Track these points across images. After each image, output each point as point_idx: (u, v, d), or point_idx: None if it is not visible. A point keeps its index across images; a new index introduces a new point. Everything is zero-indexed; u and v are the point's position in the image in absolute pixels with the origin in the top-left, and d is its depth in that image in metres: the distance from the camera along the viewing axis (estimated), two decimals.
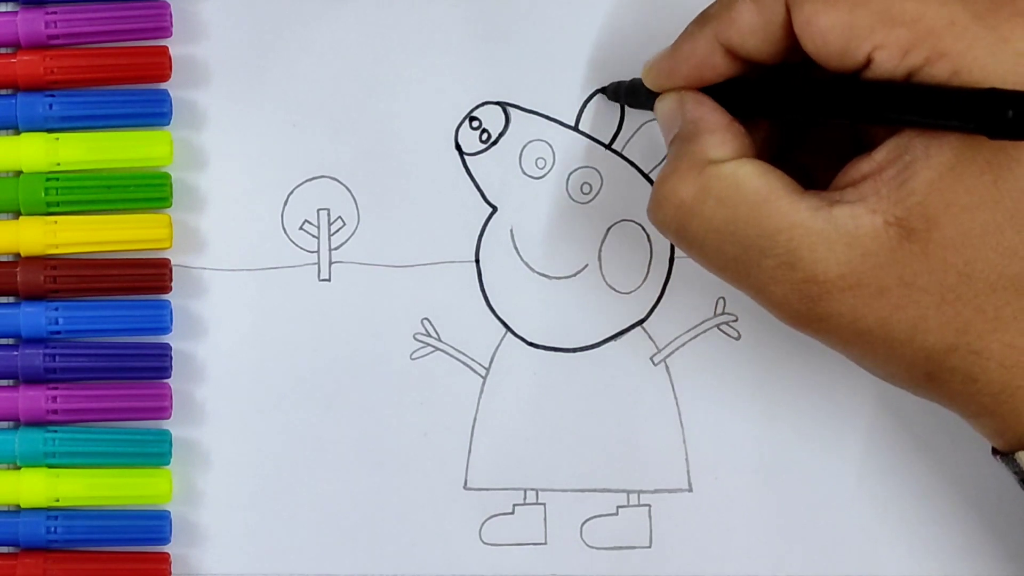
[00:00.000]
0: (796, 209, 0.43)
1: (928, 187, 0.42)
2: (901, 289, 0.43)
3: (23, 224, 0.52)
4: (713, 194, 0.45)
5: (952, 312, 0.43)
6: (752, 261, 0.44)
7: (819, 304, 0.44)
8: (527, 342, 0.53)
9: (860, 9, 0.43)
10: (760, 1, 0.45)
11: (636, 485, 0.53)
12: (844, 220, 0.43)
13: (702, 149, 0.45)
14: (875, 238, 0.43)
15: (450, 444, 0.53)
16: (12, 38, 0.52)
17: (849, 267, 0.43)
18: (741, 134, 0.46)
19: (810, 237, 0.43)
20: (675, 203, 0.45)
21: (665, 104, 0.48)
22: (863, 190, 0.43)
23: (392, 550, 0.53)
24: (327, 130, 0.53)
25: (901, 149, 0.43)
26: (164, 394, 0.52)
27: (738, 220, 0.44)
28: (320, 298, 0.53)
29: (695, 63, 0.47)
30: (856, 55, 0.43)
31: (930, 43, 0.42)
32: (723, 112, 0.46)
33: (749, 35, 0.45)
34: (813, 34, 0.43)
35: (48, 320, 0.52)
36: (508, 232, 0.53)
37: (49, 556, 0.52)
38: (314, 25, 0.53)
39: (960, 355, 0.43)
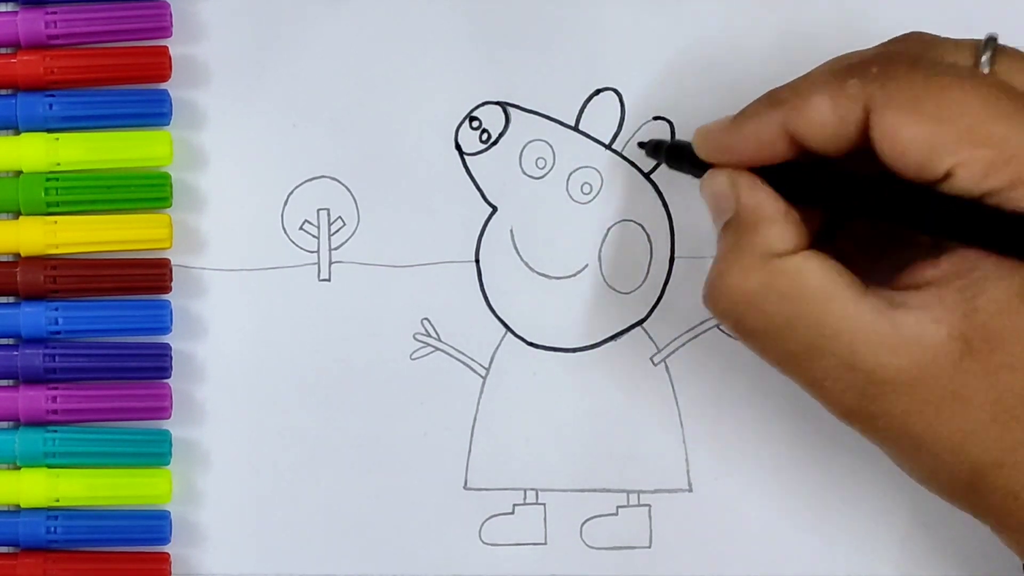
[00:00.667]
0: (860, 311, 0.43)
1: (996, 308, 0.42)
2: (955, 402, 0.43)
3: (23, 224, 0.52)
4: (776, 289, 0.44)
5: (1004, 431, 0.43)
6: (812, 359, 0.44)
7: (873, 403, 0.43)
8: (527, 342, 0.53)
9: (946, 125, 0.42)
10: (837, 98, 0.44)
11: (636, 485, 0.53)
12: (908, 326, 0.42)
13: (764, 241, 0.44)
14: (937, 348, 0.42)
15: (450, 444, 0.53)
16: (12, 38, 0.52)
17: (909, 373, 0.43)
18: (799, 223, 0.45)
19: (872, 340, 0.43)
20: (736, 296, 0.44)
21: (716, 183, 0.46)
22: (927, 297, 0.43)
23: (392, 550, 0.53)
24: (327, 130, 0.53)
25: (970, 264, 0.42)
26: (164, 394, 0.52)
27: (801, 317, 0.44)
28: (320, 298, 0.53)
29: (756, 145, 0.45)
30: (936, 170, 0.42)
31: (1014, 167, 0.41)
32: (779, 199, 0.45)
33: (820, 129, 0.44)
34: (893, 144, 0.43)
35: (48, 320, 0.52)
36: (508, 232, 0.53)
37: (49, 556, 0.52)
38: (314, 25, 0.53)
39: (1005, 472, 0.43)
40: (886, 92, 0.43)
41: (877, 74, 0.43)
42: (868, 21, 0.53)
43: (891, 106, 0.43)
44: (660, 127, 0.53)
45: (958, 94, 0.42)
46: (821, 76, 0.45)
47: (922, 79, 0.43)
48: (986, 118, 0.42)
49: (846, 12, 0.53)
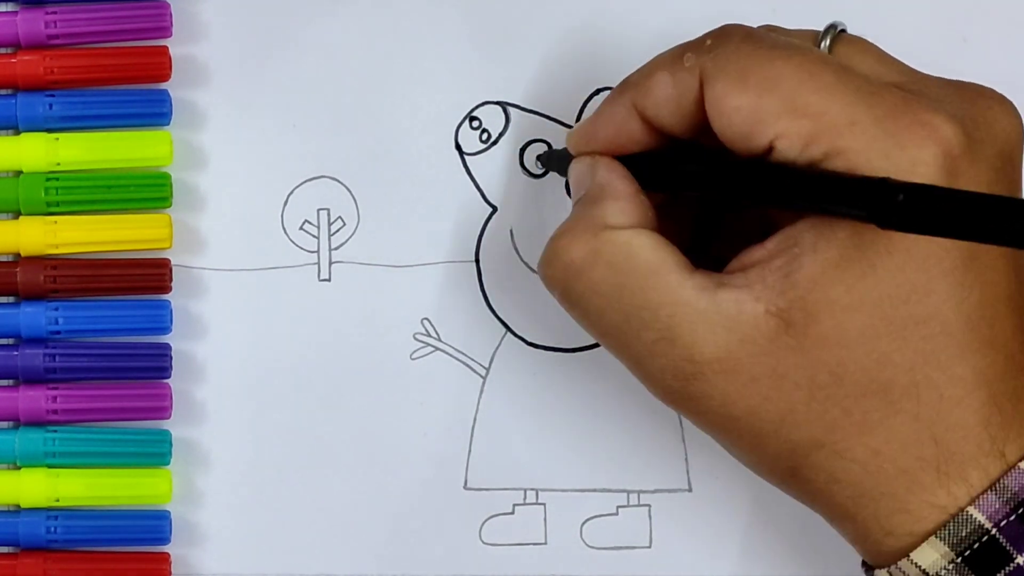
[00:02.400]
0: (683, 286, 0.43)
1: (811, 282, 0.42)
2: (773, 380, 0.42)
3: (23, 224, 0.52)
4: (604, 258, 0.44)
5: (821, 410, 0.42)
6: (632, 331, 0.44)
7: (692, 384, 0.43)
8: (527, 342, 0.53)
9: (768, 95, 0.42)
10: (676, 74, 0.44)
11: (636, 485, 0.53)
12: (727, 304, 0.42)
13: (602, 213, 0.45)
14: (755, 326, 0.42)
15: (450, 444, 0.53)
16: (12, 38, 0.52)
17: (726, 351, 0.42)
18: (645, 206, 0.45)
19: (692, 316, 0.43)
20: (565, 261, 0.45)
21: (578, 166, 0.47)
22: (750, 276, 0.43)
23: (392, 550, 0.53)
24: (327, 130, 0.53)
25: (792, 240, 0.42)
26: (164, 394, 0.52)
27: (624, 288, 0.44)
28: (320, 298, 0.53)
29: (613, 129, 0.46)
30: (759, 140, 0.43)
31: (830, 139, 0.42)
32: (632, 181, 0.46)
33: (663, 106, 0.45)
34: (721, 113, 0.43)
35: (48, 320, 0.52)
36: (508, 232, 0.53)
37: (49, 556, 0.52)
38: (314, 25, 0.53)
39: (825, 454, 0.43)
40: (716, 63, 0.44)
41: (710, 46, 0.44)
42: (869, 22, 0.53)
43: (719, 77, 0.43)
44: None
45: (781, 65, 0.43)
46: (666, 54, 0.46)
47: (750, 50, 0.43)
48: (805, 90, 0.42)
49: (846, 12, 0.53)
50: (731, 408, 0.43)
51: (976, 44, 0.54)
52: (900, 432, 0.42)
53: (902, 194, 0.38)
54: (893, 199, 0.38)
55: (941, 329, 0.42)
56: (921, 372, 0.42)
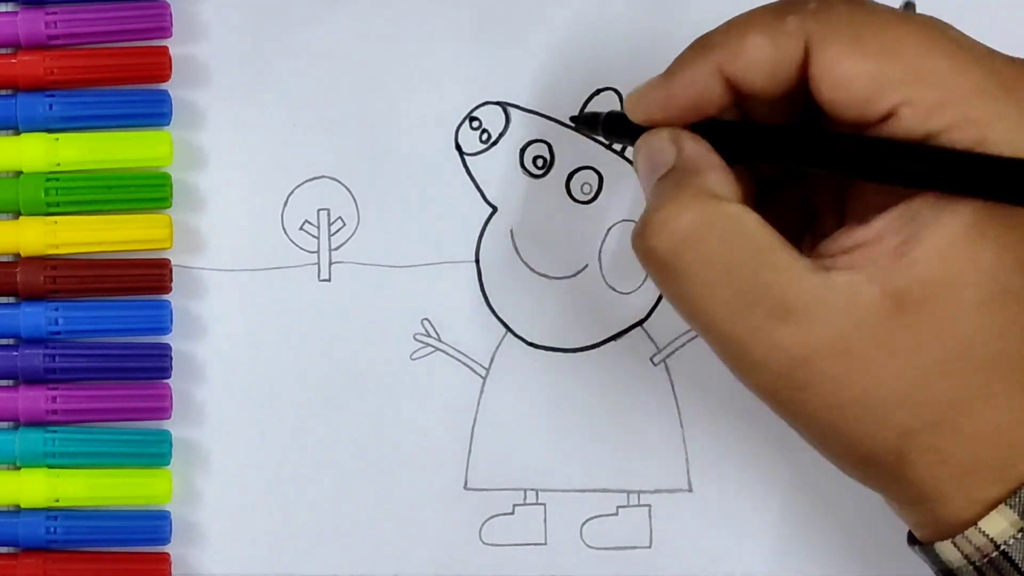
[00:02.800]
0: (795, 266, 0.41)
1: (934, 257, 0.40)
2: (889, 361, 0.41)
3: (23, 224, 0.52)
4: (717, 230, 0.42)
5: (936, 388, 0.41)
6: (742, 310, 0.41)
7: (801, 369, 0.41)
8: (527, 342, 0.53)
9: (890, 61, 0.41)
10: (775, 35, 0.42)
11: (636, 485, 0.53)
12: (842, 286, 0.41)
13: (707, 184, 0.42)
14: (870, 307, 0.41)
15: (450, 444, 0.53)
16: (12, 38, 0.52)
17: (840, 333, 0.41)
18: (737, 183, 0.43)
19: (805, 295, 0.41)
20: (674, 230, 0.42)
21: (656, 139, 0.44)
22: (858, 258, 0.41)
23: (392, 550, 0.53)
24: (327, 130, 0.53)
25: (906, 218, 0.41)
26: (164, 394, 0.52)
27: (737, 264, 0.41)
28: (320, 298, 0.53)
29: (693, 93, 0.43)
30: (879, 107, 0.41)
31: (959, 108, 0.40)
32: (719, 156, 0.43)
33: (757, 70, 0.42)
34: (835, 79, 0.41)
35: (48, 320, 0.52)
36: (508, 232, 0.53)
37: (49, 556, 0.52)
38: (314, 25, 0.53)
39: (937, 432, 0.41)
40: (827, 27, 0.41)
41: (816, 9, 0.42)
42: None
43: (832, 41, 0.41)
44: None
45: (901, 31, 0.41)
46: (757, 15, 0.43)
47: (863, 14, 0.42)
48: (930, 57, 0.41)
49: None
50: (841, 394, 0.41)
51: None
52: (1018, 404, 0.41)
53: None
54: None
55: None
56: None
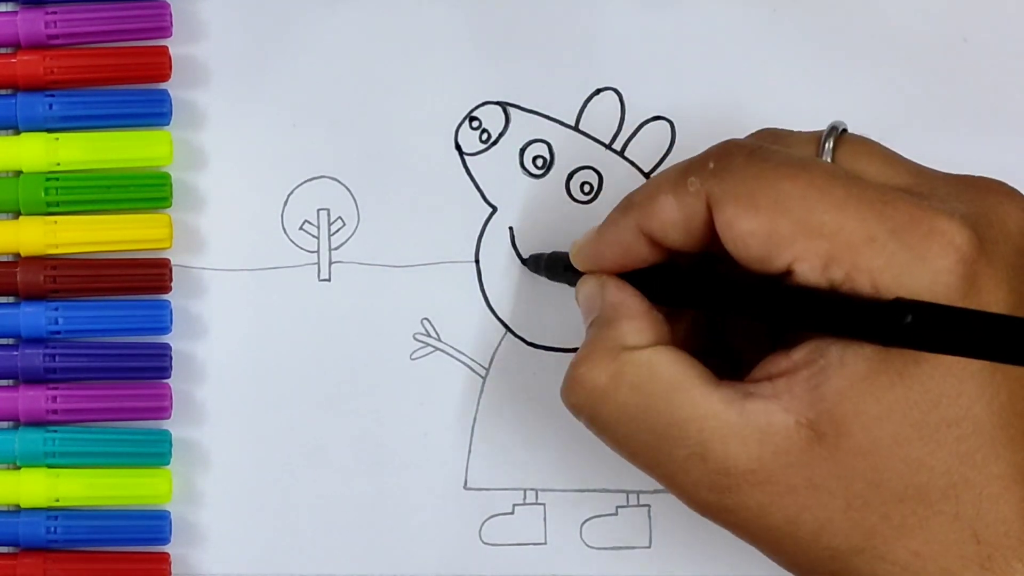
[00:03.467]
0: (709, 400, 0.43)
1: (839, 396, 0.41)
2: (809, 490, 0.42)
3: (23, 224, 0.52)
4: (627, 380, 0.44)
5: (859, 517, 0.42)
6: (663, 450, 0.44)
7: (728, 496, 0.43)
8: (527, 342, 0.53)
9: (780, 217, 0.42)
10: (680, 197, 0.44)
11: (636, 485, 0.53)
12: (757, 415, 0.42)
13: (619, 335, 0.45)
14: (786, 437, 0.42)
15: (450, 444, 0.53)
16: (12, 38, 0.52)
17: (760, 463, 0.42)
18: (659, 321, 0.45)
19: (722, 429, 0.43)
20: (588, 388, 0.45)
21: (586, 287, 0.47)
22: (778, 387, 0.42)
23: (392, 550, 0.53)
24: (327, 130, 0.53)
25: (818, 352, 0.42)
26: (164, 394, 0.52)
27: (651, 408, 0.44)
28: (320, 298, 0.53)
29: (619, 250, 0.46)
30: (777, 263, 0.42)
31: (849, 257, 0.41)
32: (643, 299, 0.46)
33: (670, 228, 0.44)
34: (734, 238, 0.43)
35: (48, 320, 0.52)
36: (508, 232, 0.53)
37: (49, 556, 0.52)
38: (314, 25, 0.53)
39: (866, 558, 0.42)
40: (722, 187, 0.43)
41: (714, 169, 0.43)
42: (871, 21, 0.54)
43: (728, 201, 0.43)
44: (660, 127, 0.53)
45: (790, 184, 0.42)
46: (667, 176, 0.45)
47: (756, 171, 0.43)
48: (818, 208, 0.42)
49: (848, 11, 0.53)
50: (768, 519, 0.43)
51: (976, 44, 0.54)
52: (940, 533, 0.42)
53: (911, 315, 0.39)
54: (902, 321, 0.39)
55: (974, 429, 0.41)
56: (958, 473, 0.42)
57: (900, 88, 0.53)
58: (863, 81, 0.53)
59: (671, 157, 0.53)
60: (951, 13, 0.54)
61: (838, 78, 0.53)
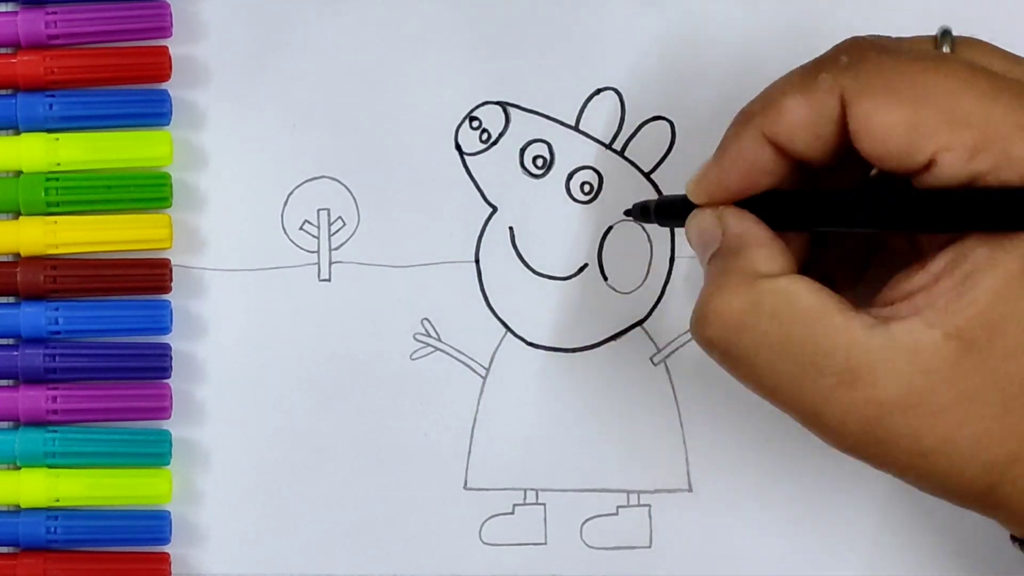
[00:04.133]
0: (852, 327, 0.42)
1: (993, 296, 0.41)
2: (963, 404, 0.41)
3: (23, 224, 0.52)
4: (767, 310, 0.42)
5: (1015, 422, 0.41)
6: (808, 381, 0.42)
7: (879, 426, 0.42)
8: (527, 342, 0.53)
9: (924, 108, 0.41)
10: (810, 95, 0.42)
11: (636, 485, 0.53)
12: (902, 336, 0.41)
13: (751, 263, 0.43)
14: (935, 353, 0.41)
15: (450, 444, 0.53)
16: (12, 38, 0.52)
17: (910, 386, 0.41)
18: (786, 250, 0.44)
19: (869, 355, 0.41)
20: (725, 319, 0.43)
21: (700, 219, 0.45)
22: (917, 303, 0.41)
23: (392, 550, 0.53)
24: (327, 130, 0.53)
25: (960, 259, 0.41)
26: (164, 394, 0.52)
27: (793, 337, 0.42)
28: (320, 298, 0.53)
29: (743, 166, 0.44)
30: (919, 156, 0.41)
31: (999, 147, 0.40)
32: (765, 226, 0.44)
33: (799, 131, 0.43)
34: (872, 132, 0.41)
35: (48, 320, 0.52)
36: (508, 232, 0.53)
37: (49, 556, 0.52)
38: (314, 25, 0.53)
39: (1022, 467, 0.42)
40: (859, 80, 0.42)
41: (848, 64, 0.42)
42: (871, 21, 0.54)
43: (866, 93, 0.42)
44: (660, 127, 0.53)
45: (933, 76, 0.41)
46: (791, 78, 0.44)
47: (893, 63, 0.42)
48: (965, 99, 0.41)
49: (848, 11, 0.53)
50: (922, 443, 0.42)
51: None
52: None
53: None
54: None
55: None
56: None
57: None
58: None
59: (671, 157, 0.53)
60: (951, 13, 0.54)
61: None
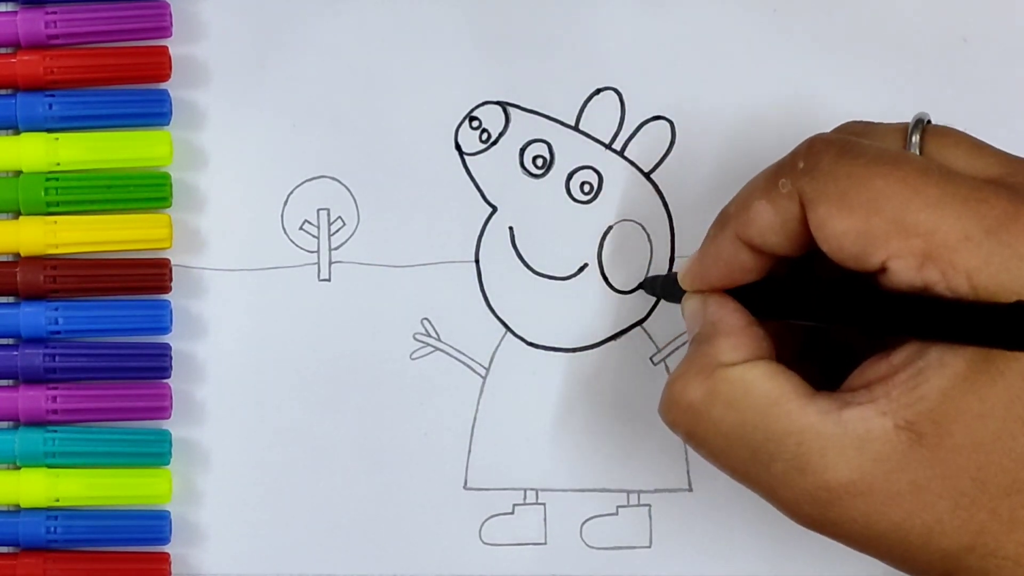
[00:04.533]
0: (805, 413, 0.43)
1: (940, 395, 0.41)
2: (914, 494, 0.42)
3: (23, 224, 0.52)
4: (721, 398, 0.44)
5: (967, 516, 0.42)
6: (761, 465, 0.44)
7: (831, 510, 0.43)
8: (527, 342, 0.53)
9: (874, 216, 0.42)
10: (774, 199, 0.44)
11: (636, 485, 0.53)
12: (854, 423, 0.42)
13: (714, 352, 0.45)
14: (886, 442, 0.42)
15: (450, 444, 0.53)
16: (12, 38, 0.52)
17: (860, 472, 0.42)
18: (758, 336, 0.45)
19: (819, 441, 0.42)
20: (684, 405, 0.45)
21: (690, 305, 0.47)
22: (875, 392, 0.42)
23: (392, 550, 0.53)
24: (327, 130, 0.53)
25: (916, 355, 0.42)
26: (164, 394, 0.52)
27: (746, 424, 0.44)
28: (320, 298, 0.53)
29: (722, 264, 0.46)
30: (872, 261, 0.42)
31: (946, 256, 0.41)
32: (744, 314, 0.45)
33: (768, 233, 0.44)
34: (827, 237, 0.43)
35: (48, 320, 0.52)
36: (508, 232, 0.53)
37: (49, 556, 0.52)
38: (314, 25, 0.53)
39: (977, 556, 0.42)
40: (814, 186, 0.43)
41: (804, 169, 0.43)
42: (871, 21, 0.54)
43: (820, 200, 0.43)
44: (660, 127, 0.53)
45: (883, 183, 0.42)
46: (757, 182, 0.45)
47: (847, 169, 0.43)
48: (913, 207, 0.42)
49: (848, 11, 0.53)
50: (875, 527, 0.43)
51: (976, 44, 0.54)
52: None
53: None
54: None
55: None
56: None
57: (900, 88, 0.53)
58: (863, 81, 0.53)
59: (671, 157, 0.53)
60: (951, 13, 0.54)
61: (838, 78, 0.53)
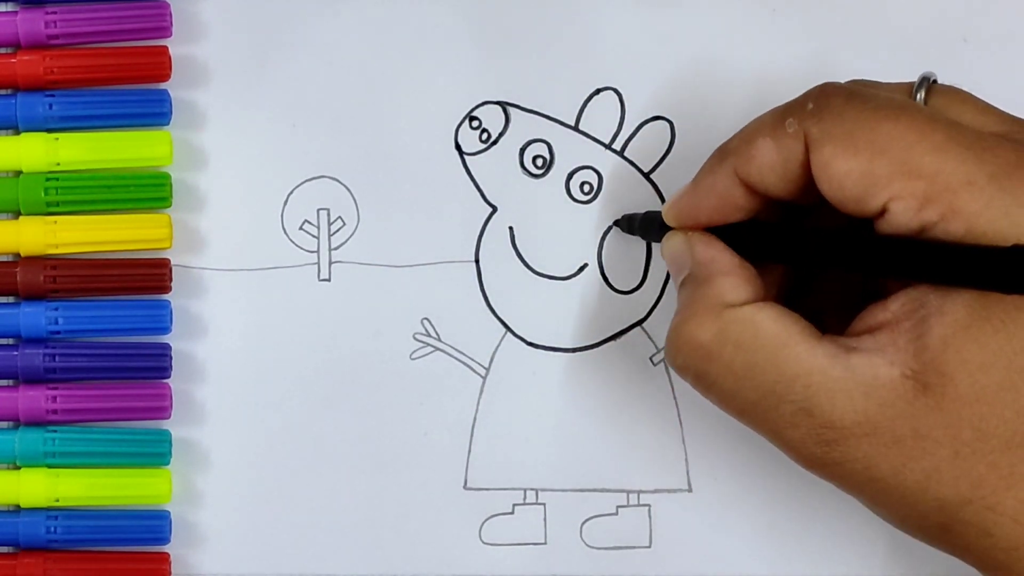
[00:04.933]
0: (814, 355, 0.43)
1: (942, 344, 0.42)
2: (916, 440, 0.42)
3: (23, 224, 0.52)
4: (732, 339, 0.44)
5: (966, 466, 0.42)
6: (770, 406, 0.44)
7: (834, 449, 0.43)
8: (527, 342, 0.53)
9: (879, 158, 0.42)
10: (779, 138, 0.44)
11: (636, 485, 0.53)
12: (862, 369, 0.43)
13: (717, 292, 0.45)
14: (892, 389, 0.42)
15: (450, 444, 0.53)
16: (12, 38, 0.52)
17: (865, 415, 0.43)
18: (754, 277, 0.46)
19: (828, 384, 0.43)
20: (693, 347, 0.45)
21: (672, 244, 0.47)
22: (880, 340, 0.43)
23: (392, 550, 0.53)
24: (327, 130, 0.53)
25: (917, 302, 0.42)
26: (164, 394, 0.52)
27: (756, 366, 0.44)
28: (320, 298, 0.53)
29: (715, 199, 0.46)
30: (872, 203, 0.43)
31: (947, 199, 0.42)
32: (733, 253, 0.46)
33: (768, 171, 0.45)
34: (830, 178, 0.43)
35: (48, 320, 0.52)
36: (508, 232, 0.53)
37: (49, 556, 0.52)
38: (314, 25, 0.53)
39: (974, 509, 0.43)
40: (821, 127, 0.43)
41: (813, 110, 0.44)
42: (870, 21, 0.54)
43: (826, 140, 0.43)
44: (660, 127, 0.53)
45: (890, 126, 0.43)
46: (764, 119, 0.45)
47: (855, 112, 0.43)
48: (918, 150, 0.42)
49: (847, 11, 0.53)
50: (875, 471, 0.43)
51: (976, 44, 0.54)
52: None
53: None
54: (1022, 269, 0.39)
55: None
56: None
57: None
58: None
59: (671, 157, 0.53)
60: (951, 13, 0.54)
61: (838, 78, 0.53)
